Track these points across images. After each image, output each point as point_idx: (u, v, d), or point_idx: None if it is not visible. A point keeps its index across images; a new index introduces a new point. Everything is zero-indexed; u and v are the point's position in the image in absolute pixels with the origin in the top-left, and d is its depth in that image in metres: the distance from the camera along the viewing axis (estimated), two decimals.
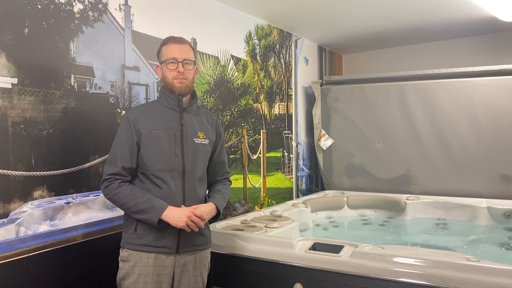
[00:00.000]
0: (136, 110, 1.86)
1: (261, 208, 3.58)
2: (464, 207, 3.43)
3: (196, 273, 1.88)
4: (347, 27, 4.04)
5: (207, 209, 1.82)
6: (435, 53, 4.64)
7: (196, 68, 1.92)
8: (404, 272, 1.83)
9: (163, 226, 1.75)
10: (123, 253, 1.81)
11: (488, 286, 1.68)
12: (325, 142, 4.26)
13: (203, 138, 1.90)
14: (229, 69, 3.33)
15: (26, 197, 1.93)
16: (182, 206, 1.79)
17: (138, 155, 1.80)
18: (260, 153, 3.71)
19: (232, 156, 3.34)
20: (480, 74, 3.66)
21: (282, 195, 3.97)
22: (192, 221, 1.74)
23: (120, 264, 1.82)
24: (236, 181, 3.37)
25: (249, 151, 3.56)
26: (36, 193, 1.97)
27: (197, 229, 1.78)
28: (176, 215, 1.72)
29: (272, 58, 3.90)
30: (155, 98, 2.61)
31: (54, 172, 2.05)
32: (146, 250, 1.76)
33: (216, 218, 1.90)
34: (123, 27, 2.44)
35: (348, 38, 4.45)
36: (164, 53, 1.84)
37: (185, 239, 1.81)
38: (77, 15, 2.18)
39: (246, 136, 3.53)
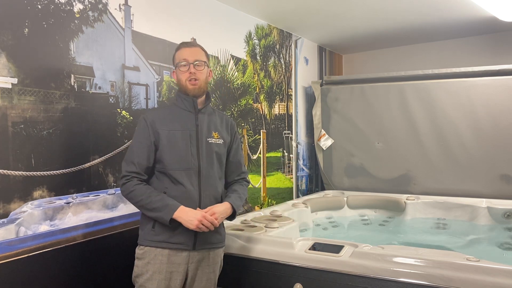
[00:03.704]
0: (153, 112, 1.98)
1: (261, 208, 3.58)
2: (464, 207, 3.43)
3: (209, 270, 1.92)
4: (347, 27, 4.04)
5: (221, 209, 1.86)
6: (435, 53, 4.64)
7: (210, 71, 2.00)
8: (404, 272, 1.83)
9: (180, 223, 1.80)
10: (138, 250, 1.86)
11: (488, 286, 1.68)
12: (325, 142, 4.26)
13: (217, 138, 1.96)
14: (229, 69, 3.33)
15: (26, 197, 1.93)
16: (198, 208, 1.82)
17: (156, 155, 1.87)
18: (260, 153, 3.71)
19: None
20: (480, 74, 3.66)
21: (282, 195, 3.97)
22: (203, 224, 1.77)
23: (136, 261, 1.86)
24: None
25: (249, 151, 3.56)
26: (36, 193, 1.97)
27: (208, 230, 1.81)
28: (188, 217, 1.77)
29: (272, 58, 3.90)
30: (155, 99, 2.63)
31: (54, 172, 2.05)
32: (162, 246, 1.80)
33: (232, 217, 1.95)
34: (123, 27, 2.44)
35: (348, 38, 4.45)
36: (176, 57, 1.94)
37: (202, 236, 1.85)
38: (77, 15, 2.18)
39: (246, 136, 3.53)
